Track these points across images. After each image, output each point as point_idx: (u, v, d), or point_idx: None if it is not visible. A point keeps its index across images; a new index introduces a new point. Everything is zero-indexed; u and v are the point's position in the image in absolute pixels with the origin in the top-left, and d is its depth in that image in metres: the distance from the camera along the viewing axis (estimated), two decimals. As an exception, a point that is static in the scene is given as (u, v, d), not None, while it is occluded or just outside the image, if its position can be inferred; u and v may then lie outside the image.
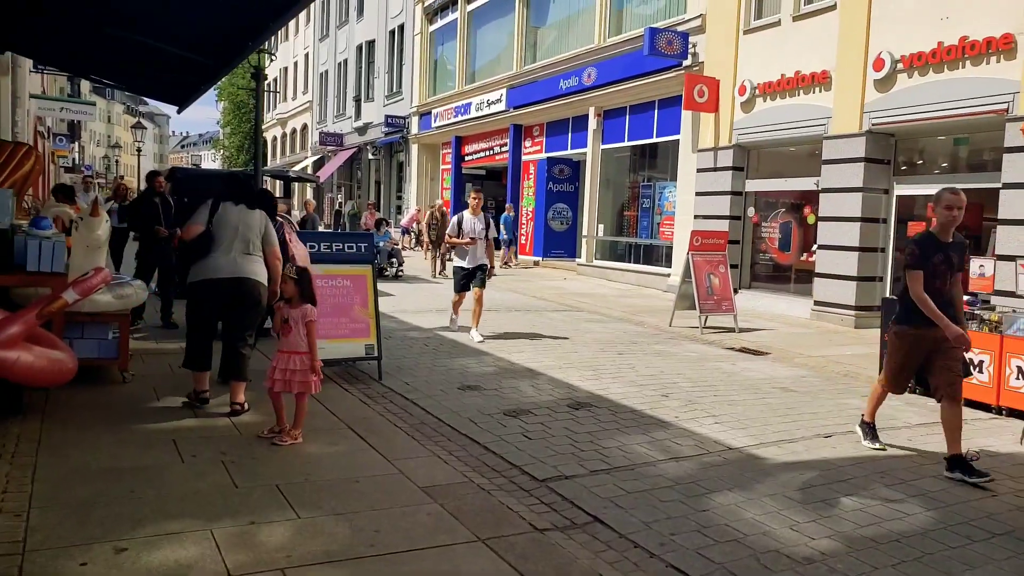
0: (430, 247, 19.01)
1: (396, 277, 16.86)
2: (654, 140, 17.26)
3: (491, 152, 24.41)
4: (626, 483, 4.86)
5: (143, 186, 11.11)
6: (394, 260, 17.09)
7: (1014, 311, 7.38)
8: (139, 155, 36.73)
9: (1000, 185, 9.95)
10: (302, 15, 43.93)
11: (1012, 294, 7.78)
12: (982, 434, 6.29)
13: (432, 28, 28.14)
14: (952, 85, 10.59)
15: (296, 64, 46.48)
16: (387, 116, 30.25)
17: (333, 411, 6.11)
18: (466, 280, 9.83)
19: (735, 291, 13.54)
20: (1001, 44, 9.95)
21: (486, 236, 9.81)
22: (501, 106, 22.68)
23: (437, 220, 18.77)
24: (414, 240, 25.96)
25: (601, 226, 19.05)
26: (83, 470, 4.57)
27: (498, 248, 17.33)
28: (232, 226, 5.82)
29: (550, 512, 4.39)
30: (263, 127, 53.40)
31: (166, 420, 5.65)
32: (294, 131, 47.26)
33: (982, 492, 4.84)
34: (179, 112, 13.44)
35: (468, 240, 9.70)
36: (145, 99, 61.48)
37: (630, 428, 6.07)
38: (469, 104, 24.68)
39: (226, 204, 5.88)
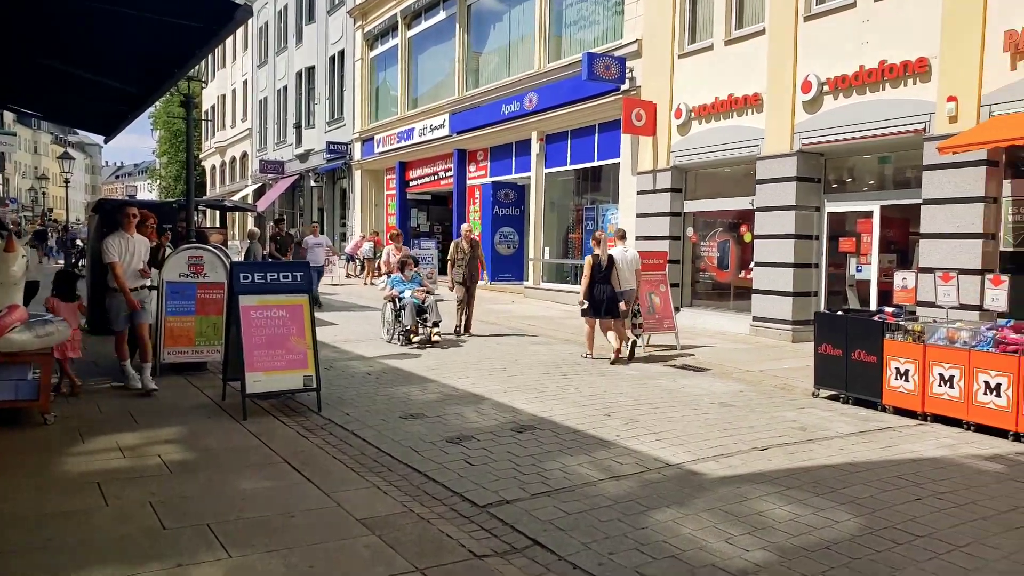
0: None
1: (431, 343, 11.33)
2: (596, 163, 17.53)
3: (436, 177, 24.46)
4: (567, 504, 4.88)
5: (76, 217, 10.75)
6: (426, 316, 11.40)
7: (935, 321, 7.69)
8: (67, 186, 35.47)
9: (921, 201, 10.38)
10: (239, 41, 43.58)
11: (933, 304, 8.09)
12: (908, 440, 6.50)
13: (373, 54, 28.19)
14: (874, 106, 11.04)
15: (235, 91, 45.91)
16: (329, 143, 30.09)
17: (269, 445, 5.99)
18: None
19: (677, 309, 13.77)
20: (917, 67, 10.44)
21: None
22: (444, 131, 22.78)
23: (465, 253, 12.80)
24: (359, 268, 25.75)
25: (547, 249, 19.20)
26: None
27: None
28: None
29: (490, 538, 4.38)
30: (201, 155, 52.33)
31: (91, 463, 5.46)
32: (234, 159, 46.57)
33: (907, 497, 5.00)
34: (106, 142, 13.07)
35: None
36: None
37: (572, 449, 6.10)
38: (412, 129, 24.73)
39: None
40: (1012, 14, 9.30)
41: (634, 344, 10.61)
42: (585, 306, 10.47)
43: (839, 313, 8.65)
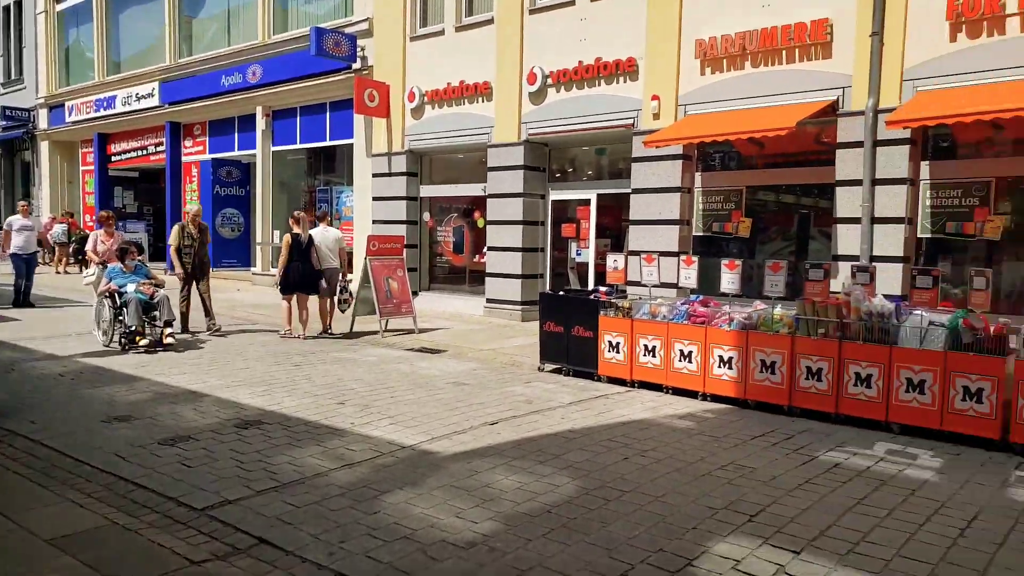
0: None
1: (162, 346, 9.64)
2: (329, 143, 16.99)
3: (144, 152, 22.08)
4: (296, 498, 4.64)
5: None
6: (156, 315, 9.78)
7: (640, 298, 8.55)
8: None
9: (630, 190, 11.48)
10: None
11: (639, 284, 9.00)
12: (619, 405, 7.15)
13: (60, 7, 24.60)
14: (592, 100, 11.96)
15: None
16: (4, 107, 25.85)
17: (-75, 465, 4.96)
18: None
19: (415, 293, 13.89)
20: (627, 67, 11.48)
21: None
22: (154, 101, 20.63)
23: (194, 239, 11.17)
24: (48, 255, 22.41)
25: (277, 232, 18.26)
26: None
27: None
28: None
29: (210, 541, 4.02)
30: None
31: None
32: None
33: (617, 457, 5.48)
34: None
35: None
36: None
37: (303, 441, 5.83)
38: (114, 97, 22.04)
39: None
40: (702, 24, 10.58)
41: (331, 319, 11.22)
42: (282, 284, 10.87)
43: (560, 293, 9.29)
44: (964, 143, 8.87)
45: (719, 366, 7.34)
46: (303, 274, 10.78)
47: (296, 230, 10.83)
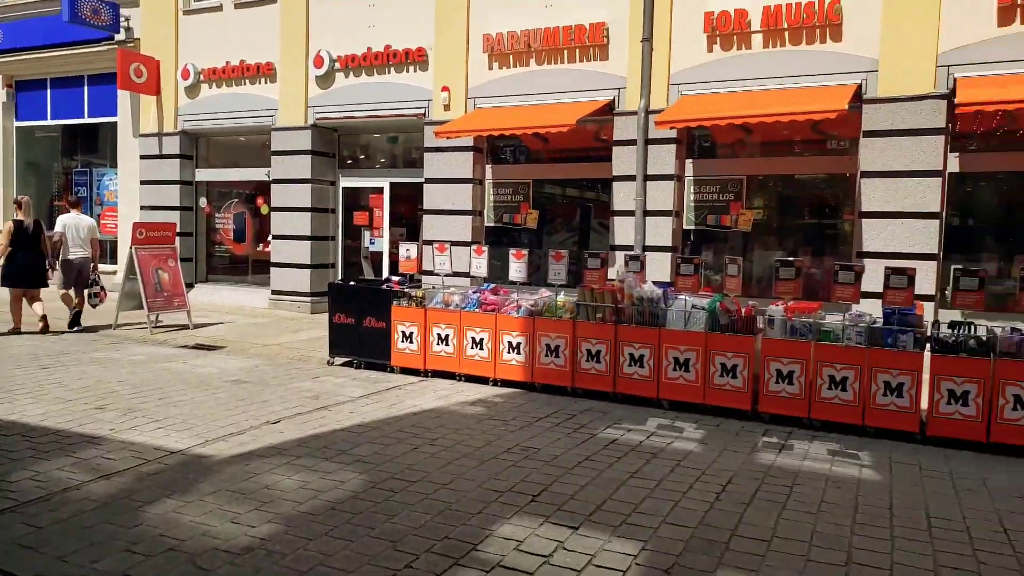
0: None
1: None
2: (88, 120, 15.21)
3: None
4: (39, 517, 4.06)
5: None
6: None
7: (433, 287, 8.54)
8: None
9: (424, 180, 11.43)
10: None
11: (433, 273, 8.98)
12: (412, 396, 7.08)
13: None
14: (382, 88, 11.74)
15: None
16: None
17: None
18: None
19: (190, 286, 12.90)
20: (416, 56, 11.39)
21: None
22: None
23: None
24: None
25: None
26: None
27: None
28: None
29: (-80, 580, 3.39)
30: None
31: None
32: None
33: (406, 448, 5.41)
34: None
35: None
36: None
37: (50, 453, 5.13)
38: None
39: None
40: (489, 20, 10.75)
41: (79, 314, 10.29)
42: (4, 276, 9.84)
43: (351, 283, 9.03)
44: (722, 144, 9.82)
45: (508, 352, 7.51)
46: (27, 266, 9.71)
47: (19, 216, 9.80)
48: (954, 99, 7.71)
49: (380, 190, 12.40)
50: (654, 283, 7.36)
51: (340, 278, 12.36)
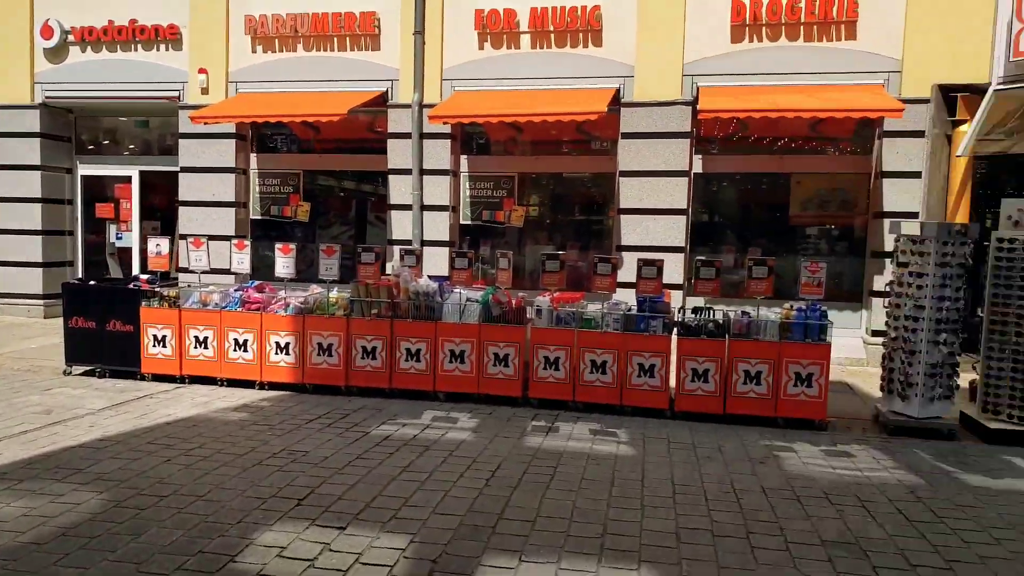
0: None
1: None
2: None
3: None
4: None
5: None
6: None
7: (189, 285, 7.84)
8: None
9: (179, 168, 10.49)
10: None
11: (189, 270, 8.25)
12: (165, 404, 6.45)
13: None
14: (127, 66, 10.59)
15: None
16: None
17: None
18: None
19: None
20: (168, 34, 10.42)
21: None
22: None
23: None
24: None
25: None
26: None
27: None
28: None
29: None
30: None
31: None
32: None
33: (158, 461, 4.89)
34: None
35: None
36: None
37: None
38: None
39: None
40: (249, 1, 10.11)
41: None
42: None
43: (91, 283, 8.04)
44: (495, 141, 10.07)
45: (276, 353, 7.10)
46: None
47: None
48: (697, 106, 8.53)
49: (128, 179, 11.21)
50: (430, 277, 7.36)
51: (79, 277, 10.99)
